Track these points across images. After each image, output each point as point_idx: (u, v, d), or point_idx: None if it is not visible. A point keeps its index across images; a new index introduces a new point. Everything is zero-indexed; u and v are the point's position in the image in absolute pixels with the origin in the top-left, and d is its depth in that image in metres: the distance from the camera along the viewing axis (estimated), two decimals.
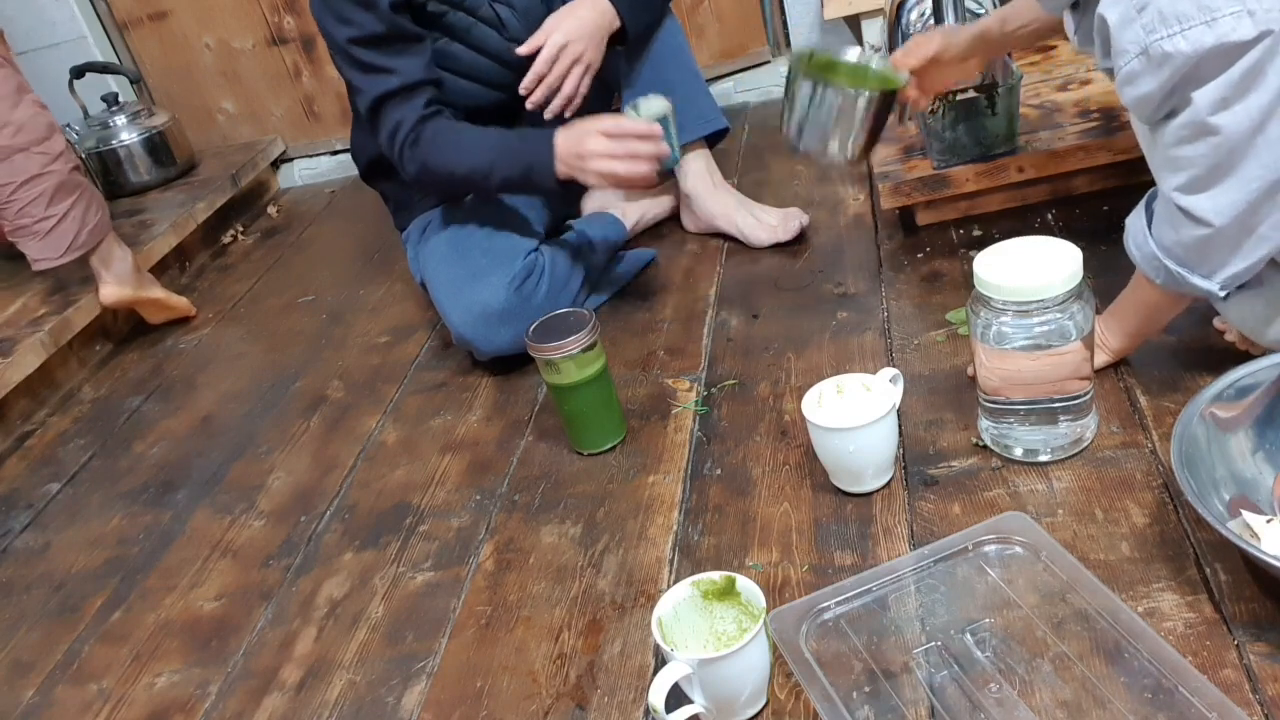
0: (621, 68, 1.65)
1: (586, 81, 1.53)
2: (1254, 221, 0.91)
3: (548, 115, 1.54)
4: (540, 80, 1.52)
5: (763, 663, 0.87)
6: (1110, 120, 1.50)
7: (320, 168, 2.62)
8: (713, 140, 1.71)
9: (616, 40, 1.55)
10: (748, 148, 2.08)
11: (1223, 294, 0.98)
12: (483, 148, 1.44)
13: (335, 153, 2.58)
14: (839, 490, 1.11)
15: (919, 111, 1.48)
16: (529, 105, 1.55)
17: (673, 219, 1.82)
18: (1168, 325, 1.11)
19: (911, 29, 1.57)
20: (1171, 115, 0.90)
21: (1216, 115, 0.86)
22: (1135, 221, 1.03)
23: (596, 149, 1.37)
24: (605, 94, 1.64)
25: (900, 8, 1.58)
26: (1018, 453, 1.07)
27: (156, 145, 2.39)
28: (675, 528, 1.14)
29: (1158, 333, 1.13)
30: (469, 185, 1.51)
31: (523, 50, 1.52)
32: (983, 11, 1.51)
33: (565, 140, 1.39)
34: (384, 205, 1.78)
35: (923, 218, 1.58)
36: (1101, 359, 1.13)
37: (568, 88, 1.52)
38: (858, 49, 1.27)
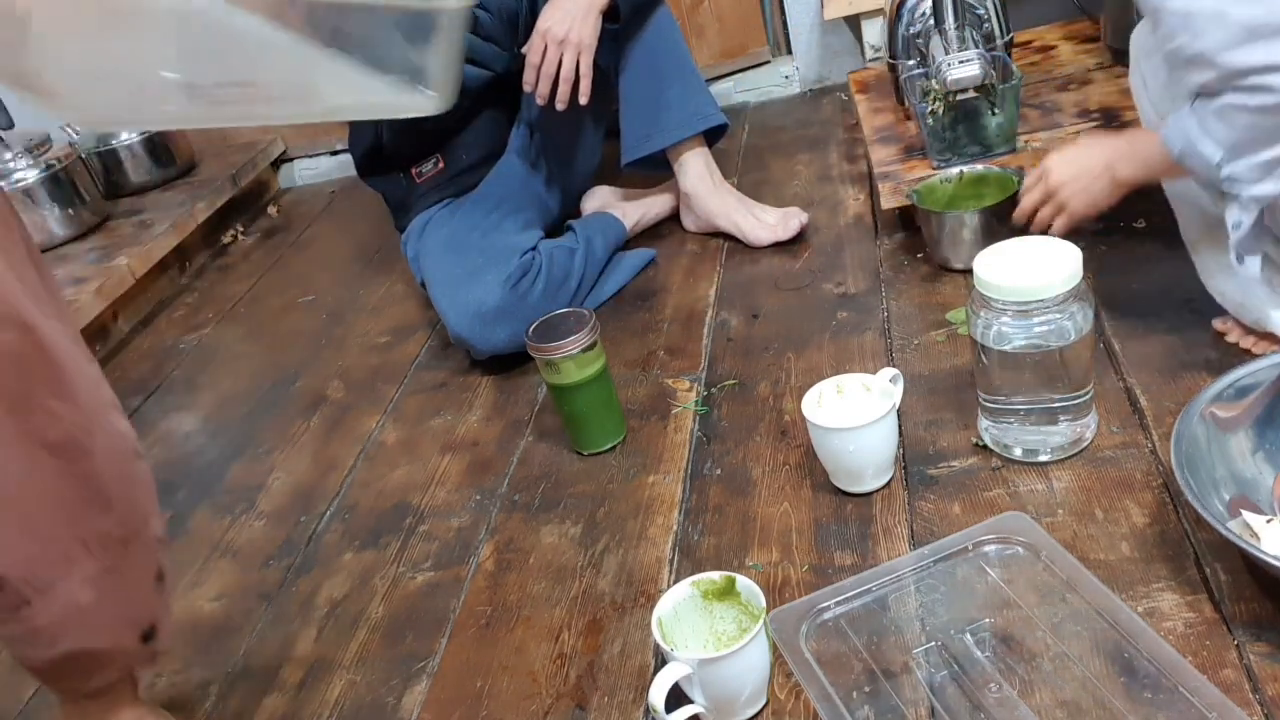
0: (616, 61, 1.65)
1: (585, 61, 1.53)
2: None
3: (559, 106, 1.55)
4: (537, 72, 1.53)
5: (763, 663, 0.87)
6: (1110, 120, 1.50)
7: (320, 168, 2.62)
8: (711, 138, 1.71)
9: (610, 18, 1.55)
10: (748, 148, 2.08)
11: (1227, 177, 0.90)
12: None
13: (335, 153, 2.58)
14: (839, 490, 1.11)
15: (920, 109, 1.49)
16: (539, 100, 1.56)
17: (673, 219, 1.82)
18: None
19: (911, 29, 1.57)
20: None
21: None
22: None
23: None
24: (605, 85, 1.64)
25: (900, 7, 1.58)
26: (1018, 453, 1.07)
27: (157, 145, 2.39)
28: (675, 528, 1.14)
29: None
30: None
31: (524, 49, 1.54)
32: (982, 11, 1.51)
33: None
34: (384, 205, 1.78)
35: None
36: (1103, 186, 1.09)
37: (564, 71, 1.52)
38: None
